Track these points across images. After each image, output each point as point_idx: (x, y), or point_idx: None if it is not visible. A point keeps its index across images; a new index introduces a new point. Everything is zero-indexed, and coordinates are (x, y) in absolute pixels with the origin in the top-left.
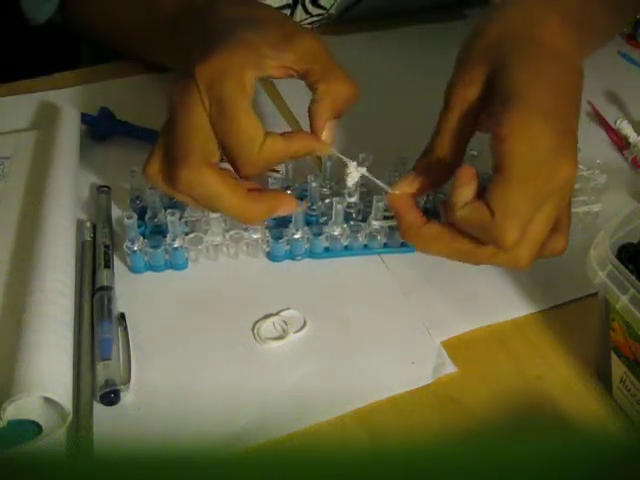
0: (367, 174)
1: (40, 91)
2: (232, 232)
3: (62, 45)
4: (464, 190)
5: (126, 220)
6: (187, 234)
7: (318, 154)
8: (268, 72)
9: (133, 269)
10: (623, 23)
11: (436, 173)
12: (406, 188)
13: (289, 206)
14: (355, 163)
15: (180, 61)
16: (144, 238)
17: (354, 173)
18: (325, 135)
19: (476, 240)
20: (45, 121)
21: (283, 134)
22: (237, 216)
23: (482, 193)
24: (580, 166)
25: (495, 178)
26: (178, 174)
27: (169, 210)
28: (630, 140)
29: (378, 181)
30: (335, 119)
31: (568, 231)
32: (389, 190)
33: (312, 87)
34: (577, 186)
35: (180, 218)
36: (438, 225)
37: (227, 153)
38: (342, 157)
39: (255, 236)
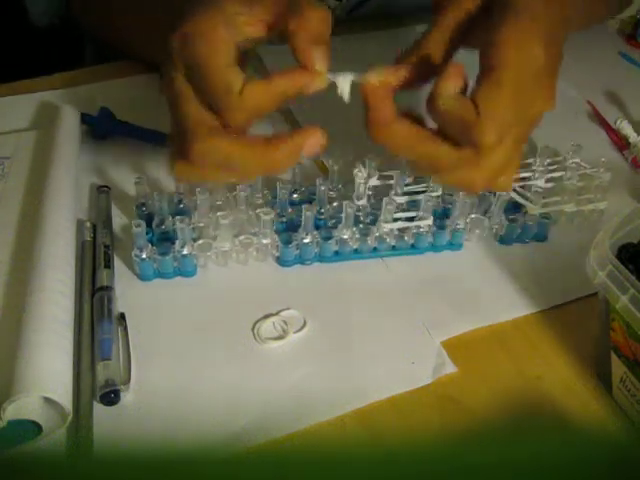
0: (355, 77)
1: (40, 91)
2: (241, 237)
3: (66, 45)
4: (452, 82)
5: (134, 228)
6: (195, 240)
7: (313, 87)
8: (243, 30)
9: (142, 277)
10: (603, 16)
11: (419, 69)
12: (385, 77)
13: (314, 138)
14: (341, 74)
15: None
16: (152, 245)
17: (344, 85)
18: (318, 65)
19: (447, 143)
20: (45, 121)
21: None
22: (262, 168)
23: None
24: (584, 164)
25: (486, 79)
26: (190, 153)
27: (178, 217)
28: (630, 140)
29: (366, 75)
30: (323, 46)
31: (514, 172)
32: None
33: (284, 30)
34: (581, 184)
35: (188, 224)
36: (411, 123)
37: (213, 109)
38: (330, 76)
39: (265, 241)
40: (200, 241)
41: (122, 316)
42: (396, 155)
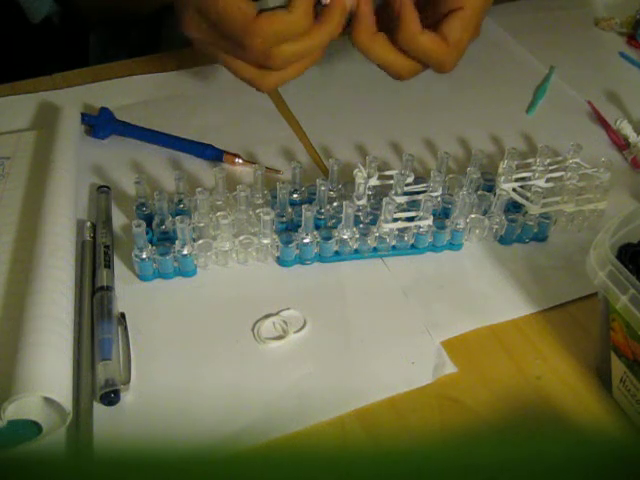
0: None
1: (40, 91)
2: (241, 237)
3: (69, 43)
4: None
5: (134, 228)
6: (195, 240)
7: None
8: None
9: (142, 277)
10: None
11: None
12: None
13: None
14: None
15: None
16: (152, 245)
17: None
18: None
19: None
20: (45, 121)
21: None
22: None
23: None
24: (584, 164)
25: (454, 15)
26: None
27: (178, 217)
28: (630, 140)
29: None
30: None
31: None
32: None
33: None
34: (581, 184)
35: (188, 224)
36: (386, 37)
37: (227, 34)
38: None
39: (265, 241)
40: (200, 241)
41: (122, 316)
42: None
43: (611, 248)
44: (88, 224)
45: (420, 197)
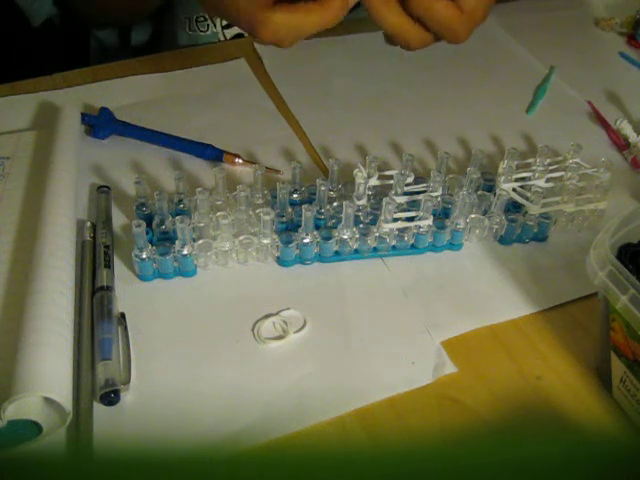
0: None
1: (40, 91)
2: (241, 237)
3: (70, 44)
4: None
5: (134, 228)
6: (195, 240)
7: None
8: None
9: (142, 277)
10: None
11: None
12: None
13: None
14: None
15: None
16: (152, 245)
17: None
18: None
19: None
20: (45, 121)
21: None
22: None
23: None
24: (584, 164)
25: None
26: (264, 40)
27: (178, 217)
28: (630, 140)
29: None
30: None
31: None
32: None
33: None
34: (581, 184)
35: (188, 224)
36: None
37: None
38: None
39: (265, 241)
40: (200, 241)
41: (122, 316)
42: (377, 23)
43: (611, 248)
44: (88, 224)
45: (420, 197)
